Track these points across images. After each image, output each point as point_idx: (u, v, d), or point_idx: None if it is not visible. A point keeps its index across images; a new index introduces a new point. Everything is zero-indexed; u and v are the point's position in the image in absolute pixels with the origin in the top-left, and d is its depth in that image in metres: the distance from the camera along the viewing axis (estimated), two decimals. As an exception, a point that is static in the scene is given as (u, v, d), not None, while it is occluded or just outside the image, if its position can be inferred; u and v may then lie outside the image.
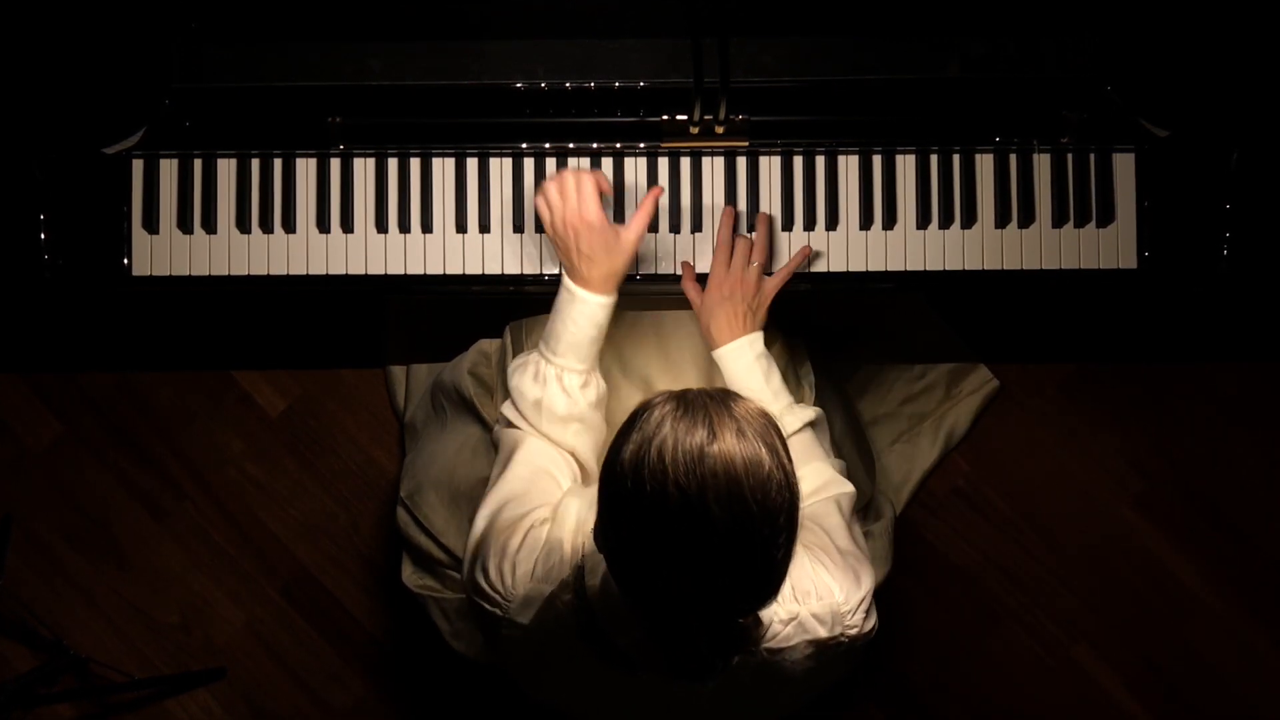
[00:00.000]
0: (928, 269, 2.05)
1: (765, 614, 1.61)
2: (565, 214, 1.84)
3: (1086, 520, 2.57)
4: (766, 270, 1.97)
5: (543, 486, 1.78)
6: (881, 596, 1.79)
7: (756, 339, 1.90)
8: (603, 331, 1.86)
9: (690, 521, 1.39)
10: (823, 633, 1.66)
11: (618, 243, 1.85)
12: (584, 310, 1.83)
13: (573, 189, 1.84)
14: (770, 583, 1.45)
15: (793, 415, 1.87)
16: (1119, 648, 2.56)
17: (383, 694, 2.56)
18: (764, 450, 1.42)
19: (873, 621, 1.71)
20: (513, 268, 2.05)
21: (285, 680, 2.56)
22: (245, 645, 2.56)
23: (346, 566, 2.57)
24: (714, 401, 1.45)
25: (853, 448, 2.27)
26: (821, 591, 1.66)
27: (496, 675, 2.46)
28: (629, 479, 1.42)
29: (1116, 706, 2.56)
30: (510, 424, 1.85)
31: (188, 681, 2.54)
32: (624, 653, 1.60)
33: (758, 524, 1.40)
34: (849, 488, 1.84)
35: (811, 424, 1.89)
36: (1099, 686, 2.56)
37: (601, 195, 1.87)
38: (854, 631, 1.69)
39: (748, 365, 1.88)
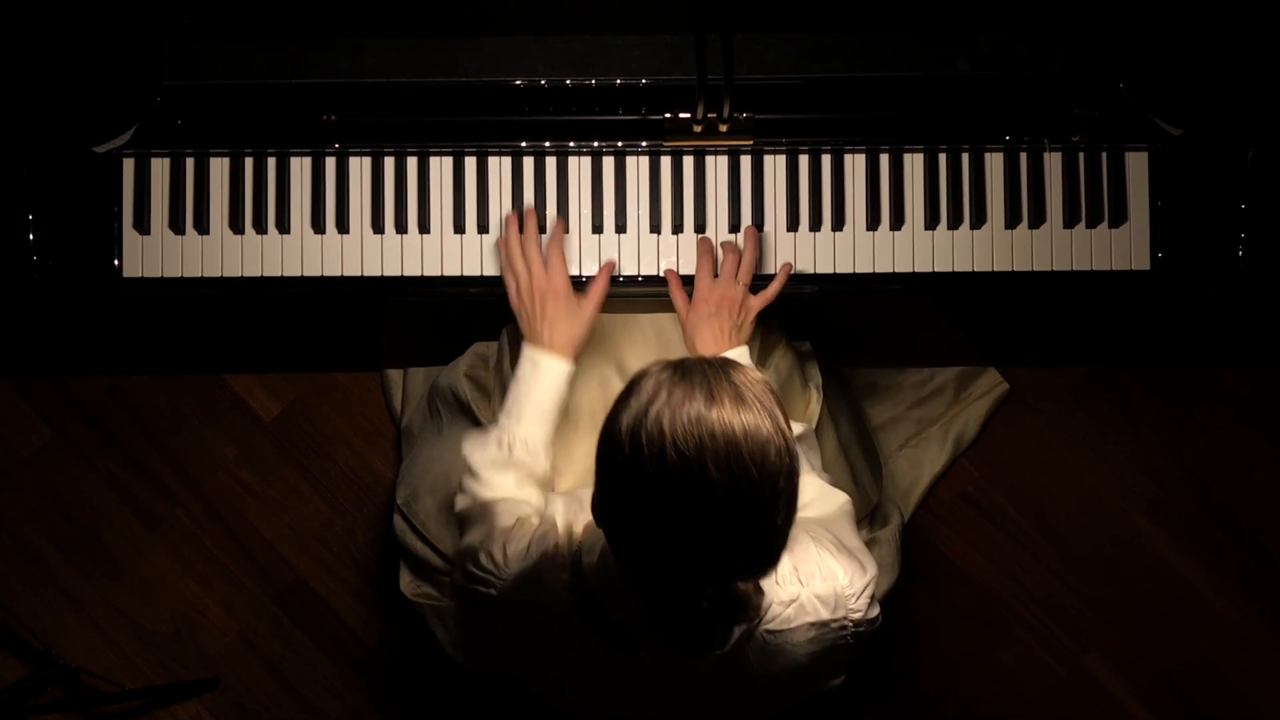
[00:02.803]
0: (936, 270, 2.05)
1: (766, 593, 1.62)
2: (533, 281, 1.91)
3: (1098, 526, 2.56)
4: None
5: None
6: (888, 604, 1.80)
7: (741, 354, 1.90)
8: (564, 400, 1.89)
9: (689, 485, 1.39)
10: (825, 614, 1.66)
11: (579, 310, 1.90)
12: (547, 378, 1.87)
13: (539, 257, 1.92)
14: (770, 548, 1.46)
15: None
16: (1131, 656, 2.54)
17: (378, 704, 2.54)
18: (763, 415, 1.42)
19: (876, 611, 1.72)
20: (512, 269, 2.03)
21: (279, 690, 2.54)
22: (238, 655, 2.53)
23: (341, 574, 2.55)
24: (711, 368, 1.45)
25: (860, 452, 2.26)
26: (826, 574, 1.67)
27: (494, 684, 2.44)
28: (626, 445, 1.42)
29: (1128, 716, 2.53)
30: (466, 491, 1.85)
31: (180, 692, 2.52)
32: (623, 630, 1.60)
33: (757, 487, 1.40)
34: (844, 496, 1.86)
35: (799, 438, 1.87)
36: (1110, 696, 2.54)
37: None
38: (857, 615, 1.68)
39: None
